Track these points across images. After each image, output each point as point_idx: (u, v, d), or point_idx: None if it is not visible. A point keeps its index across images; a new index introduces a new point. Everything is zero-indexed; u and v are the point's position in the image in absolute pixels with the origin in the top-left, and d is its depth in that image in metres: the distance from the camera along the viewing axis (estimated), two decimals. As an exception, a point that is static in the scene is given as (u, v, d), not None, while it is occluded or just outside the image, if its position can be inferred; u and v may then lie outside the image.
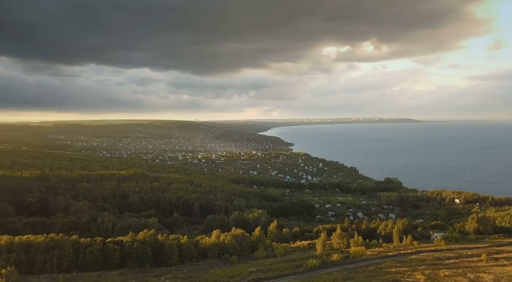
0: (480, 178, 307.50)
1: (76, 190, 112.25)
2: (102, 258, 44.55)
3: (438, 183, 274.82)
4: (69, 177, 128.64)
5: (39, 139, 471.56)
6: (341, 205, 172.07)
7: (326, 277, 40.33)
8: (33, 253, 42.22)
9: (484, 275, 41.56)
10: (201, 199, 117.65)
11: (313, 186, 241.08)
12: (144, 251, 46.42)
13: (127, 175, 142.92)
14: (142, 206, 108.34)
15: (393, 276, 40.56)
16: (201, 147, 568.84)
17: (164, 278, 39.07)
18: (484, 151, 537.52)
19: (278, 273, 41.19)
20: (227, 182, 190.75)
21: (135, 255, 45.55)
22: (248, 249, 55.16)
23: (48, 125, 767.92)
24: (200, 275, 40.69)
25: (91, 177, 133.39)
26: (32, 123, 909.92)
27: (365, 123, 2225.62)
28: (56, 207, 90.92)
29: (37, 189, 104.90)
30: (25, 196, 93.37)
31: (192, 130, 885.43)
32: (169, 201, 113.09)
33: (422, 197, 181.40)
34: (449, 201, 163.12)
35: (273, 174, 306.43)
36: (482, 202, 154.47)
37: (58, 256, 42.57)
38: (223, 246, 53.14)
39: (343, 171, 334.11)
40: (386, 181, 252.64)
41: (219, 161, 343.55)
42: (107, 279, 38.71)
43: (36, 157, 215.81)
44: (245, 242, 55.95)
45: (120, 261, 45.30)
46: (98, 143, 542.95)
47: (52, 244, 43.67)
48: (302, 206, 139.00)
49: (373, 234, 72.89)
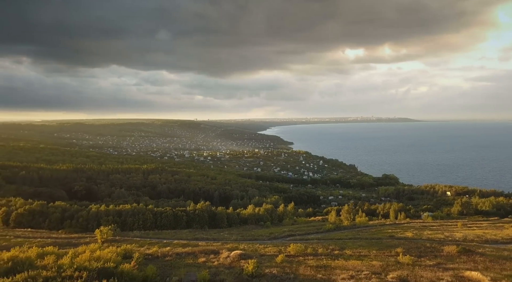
0: (473, 174, 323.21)
1: (112, 181, 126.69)
2: (173, 221, 59.01)
3: (433, 179, 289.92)
4: (102, 170, 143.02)
5: (46, 137, 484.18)
6: (343, 197, 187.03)
7: (341, 234, 55.07)
8: (123, 217, 56.55)
9: (456, 233, 56.32)
10: (219, 189, 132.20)
11: (315, 182, 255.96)
12: (203, 217, 60.90)
13: (150, 169, 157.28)
14: (169, 194, 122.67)
15: (389, 233, 55.34)
16: (203, 146, 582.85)
17: (222, 233, 53.46)
18: (480, 149, 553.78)
19: (304, 231, 55.78)
20: (237, 177, 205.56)
21: (197, 219, 60.11)
22: (276, 219, 69.80)
23: (52, 124, 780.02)
24: (247, 233, 55.25)
25: (120, 170, 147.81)
26: (35, 122, 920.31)
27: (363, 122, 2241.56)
28: (100, 194, 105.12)
29: (79, 179, 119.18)
30: (72, 184, 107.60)
31: (194, 129, 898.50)
32: (192, 190, 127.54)
33: (417, 190, 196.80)
34: (441, 193, 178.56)
35: (276, 171, 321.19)
36: (471, 194, 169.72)
37: (142, 219, 56.91)
38: (258, 216, 67.70)
39: (343, 168, 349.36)
40: (384, 177, 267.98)
41: (224, 159, 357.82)
42: (181, 233, 52.93)
43: (55, 153, 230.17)
44: (274, 213, 70.70)
45: (186, 224, 59.82)
46: (103, 141, 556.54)
47: (136, 210, 58.09)
48: (309, 196, 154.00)
49: (374, 213, 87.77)
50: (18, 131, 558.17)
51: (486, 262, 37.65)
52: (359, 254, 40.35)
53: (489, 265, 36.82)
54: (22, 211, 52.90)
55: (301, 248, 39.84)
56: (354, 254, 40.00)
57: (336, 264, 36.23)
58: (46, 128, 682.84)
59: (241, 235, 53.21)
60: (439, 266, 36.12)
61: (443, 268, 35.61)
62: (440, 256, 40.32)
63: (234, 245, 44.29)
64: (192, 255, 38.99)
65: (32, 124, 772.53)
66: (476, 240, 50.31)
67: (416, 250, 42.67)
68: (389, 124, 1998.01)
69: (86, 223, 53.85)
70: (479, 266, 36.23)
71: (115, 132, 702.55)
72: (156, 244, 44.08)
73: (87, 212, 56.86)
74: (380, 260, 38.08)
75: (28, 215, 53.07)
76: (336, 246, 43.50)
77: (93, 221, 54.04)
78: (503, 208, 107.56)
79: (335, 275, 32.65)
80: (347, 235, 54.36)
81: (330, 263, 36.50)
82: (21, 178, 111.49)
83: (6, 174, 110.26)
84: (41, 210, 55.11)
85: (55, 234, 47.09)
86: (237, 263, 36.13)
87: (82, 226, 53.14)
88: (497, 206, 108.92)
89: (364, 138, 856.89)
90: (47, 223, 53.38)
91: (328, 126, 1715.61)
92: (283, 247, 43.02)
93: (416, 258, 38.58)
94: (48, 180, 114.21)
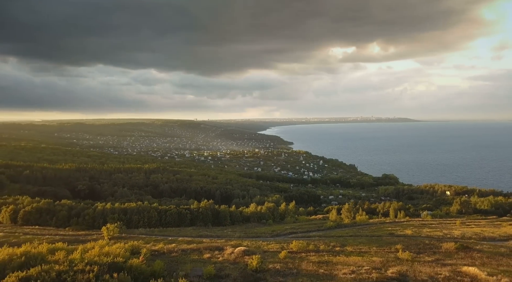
0: (473, 174, 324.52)
1: (114, 180, 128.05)
2: (178, 219, 60.28)
3: (433, 178, 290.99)
4: (104, 169, 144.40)
5: (47, 137, 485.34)
6: (343, 197, 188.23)
7: (342, 231, 56.17)
8: (129, 215, 57.79)
9: (454, 231, 57.42)
10: (220, 188, 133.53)
11: (315, 181, 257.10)
12: (207, 215, 62.21)
13: (151, 168, 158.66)
14: (171, 193, 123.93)
15: (389, 230, 56.43)
16: (203, 146, 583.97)
17: (225, 230, 54.60)
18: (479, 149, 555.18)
19: (306, 229, 56.88)
20: (237, 176, 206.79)
21: (200, 217, 61.40)
22: (278, 218, 71.08)
23: (52, 124, 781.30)
24: (249, 230, 56.39)
25: (122, 169, 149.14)
26: (36, 122, 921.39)
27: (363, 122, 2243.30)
28: (103, 193, 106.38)
29: (82, 178, 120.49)
30: (75, 183, 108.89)
31: (194, 129, 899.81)
32: (193, 190, 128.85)
33: (416, 189, 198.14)
34: (440, 193, 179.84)
35: (276, 171, 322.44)
36: (470, 193, 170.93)
37: (147, 217, 58.16)
38: (260, 214, 68.99)
39: (343, 168, 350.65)
40: (384, 177, 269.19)
41: (224, 158, 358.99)
42: (185, 230, 54.07)
43: (57, 153, 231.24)
44: (276, 211, 72.02)
45: (190, 221, 61.06)
46: (104, 141, 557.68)
47: (141, 208, 59.37)
48: (309, 195, 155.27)
49: (374, 212, 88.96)
50: (19, 131, 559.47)
51: (483, 258, 38.69)
52: (360, 250, 41.43)
53: (486, 261, 37.87)
54: (30, 209, 54.11)
55: (303, 245, 40.90)
56: (355, 251, 41.07)
57: (338, 260, 37.30)
58: (46, 128, 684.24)
59: (244, 233, 54.33)
60: (438, 262, 37.16)
61: (442, 263, 36.65)
62: (439, 252, 41.39)
63: (237, 242, 45.39)
64: (197, 251, 40.06)
65: (33, 124, 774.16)
66: (474, 237, 51.40)
67: (415, 246, 43.75)
68: (388, 124, 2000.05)
69: (92, 221, 55.06)
70: (476, 262, 37.27)
71: (115, 132, 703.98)
72: (161, 241, 45.16)
73: (93, 210, 58.09)
74: (380, 256, 39.15)
75: (35, 213, 54.25)
76: (337, 243, 44.59)
77: (99, 219, 55.26)
78: (502, 207, 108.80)
79: (336, 270, 33.70)
80: (348, 232, 55.44)
81: (332, 259, 37.58)
82: (25, 177, 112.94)
83: (10, 173, 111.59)
84: (48, 208, 56.30)
85: (63, 231, 48.32)
86: (241, 258, 37.19)
87: (88, 223, 54.33)
88: (496, 205, 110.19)
89: (364, 139, 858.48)
90: (54, 221, 54.56)
91: (328, 127, 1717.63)
92: (285, 244, 44.10)
93: (415, 254, 39.64)
94: (51, 179, 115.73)
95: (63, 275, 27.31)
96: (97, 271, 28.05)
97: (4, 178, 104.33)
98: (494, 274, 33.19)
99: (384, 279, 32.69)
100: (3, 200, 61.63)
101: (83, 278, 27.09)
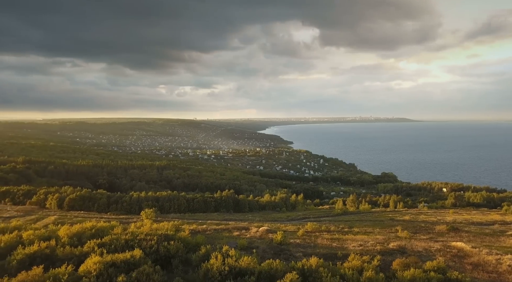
0: (470, 173, 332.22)
1: (130, 175, 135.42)
2: (204, 205, 67.73)
3: (431, 177, 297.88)
4: (119, 166, 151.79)
5: (50, 136, 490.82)
6: (344, 193, 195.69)
7: (348, 217, 63.55)
8: (161, 202, 65.19)
9: (447, 217, 64.72)
10: (229, 183, 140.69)
11: (316, 179, 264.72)
12: (229, 202, 69.90)
13: (163, 165, 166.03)
14: (184, 188, 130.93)
15: (390, 217, 63.82)
16: (205, 145, 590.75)
17: (246, 215, 61.78)
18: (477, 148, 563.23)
19: (316, 215, 64.19)
20: (242, 174, 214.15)
21: (223, 204, 69.03)
22: (290, 207, 78.69)
23: (54, 123, 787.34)
24: (267, 216, 63.84)
25: (136, 166, 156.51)
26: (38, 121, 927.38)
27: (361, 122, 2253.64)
28: (122, 187, 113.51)
29: (101, 173, 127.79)
30: (95, 178, 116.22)
31: (194, 129, 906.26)
32: (204, 185, 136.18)
33: (414, 186, 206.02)
34: (437, 190, 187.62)
35: (278, 169, 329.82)
36: (465, 190, 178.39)
37: (177, 204, 65.57)
38: (274, 203, 76.60)
39: (343, 167, 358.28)
40: (383, 175, 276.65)
41: (227, 157, 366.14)
42: (212, 215, 61.26)
43: (66, 151, 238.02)
44: (288, 201, 79.80)
45: (214, 208, 68.54)
46: (106, 140, 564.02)
47: (171, 197, 66.93)
48: (313, 191, 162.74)
49: (375, 204, 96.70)
50: (21, 130, 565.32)
51: (470, 237, 46.00)
52: (365, 231, 48.69)
53: (472, 238, 45.21)
54: (74, 197, 61.19)
55: (316, 226, 48.07)
56: (361, 231, 48.33)
57: (347, 237, 44.52)
58: (48, 127, 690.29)
59: (263, 217, 61.57)
60: (431, 239, 44.48)
61: (434, 240, 43.97)
62: (432, 232, 48.71)
63: (259, 224, 52.54)
64: (226, 230, 47.17)
65: (35, 123, 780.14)
66: (464, 222, 58.76)
67: (413, 228, 51.08)
68: (388, 124, 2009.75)
69: (130, 207, 62.08)
70: (463, 239, 44.54)
71: (117, 131, 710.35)
72: (193, 223, 52.26)
73: (129, 198, 65.29)
74: (383, 235, 46.42)
75: (79, 200, 61.24)
76: (345, 225, 51.86)
77: (135, 206, 62.35)
78: (493, 201, 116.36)
79: (347, 244, 40.93)
80: (354, 218, 62.82)
81: (342, 236, 44.79)
82: (50, 172, 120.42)
83: (35, 168, 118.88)
84: (89, 196, 63.39)
85: (106, 215, 55.01)
86: (266, 235, 44.36)
87: (126, 209, 61.29)
88: (488, 199, 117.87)
89: (364, 138, 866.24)
90: (96, 207, 61.57)
91: (328, 126, 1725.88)
92: (301, 225, 51.33)
93: (412, 233, 46.91)
94: (73, 174, 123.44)
95: (130, 242, 34.52)
96: (156, 239, 35.31)
97: (32, 172, 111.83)
98: (477, 247, 40.46)
99: (386, 250, 40.09)
100: (47, 189, 68.85)
101: (147, 244, 34.34)
